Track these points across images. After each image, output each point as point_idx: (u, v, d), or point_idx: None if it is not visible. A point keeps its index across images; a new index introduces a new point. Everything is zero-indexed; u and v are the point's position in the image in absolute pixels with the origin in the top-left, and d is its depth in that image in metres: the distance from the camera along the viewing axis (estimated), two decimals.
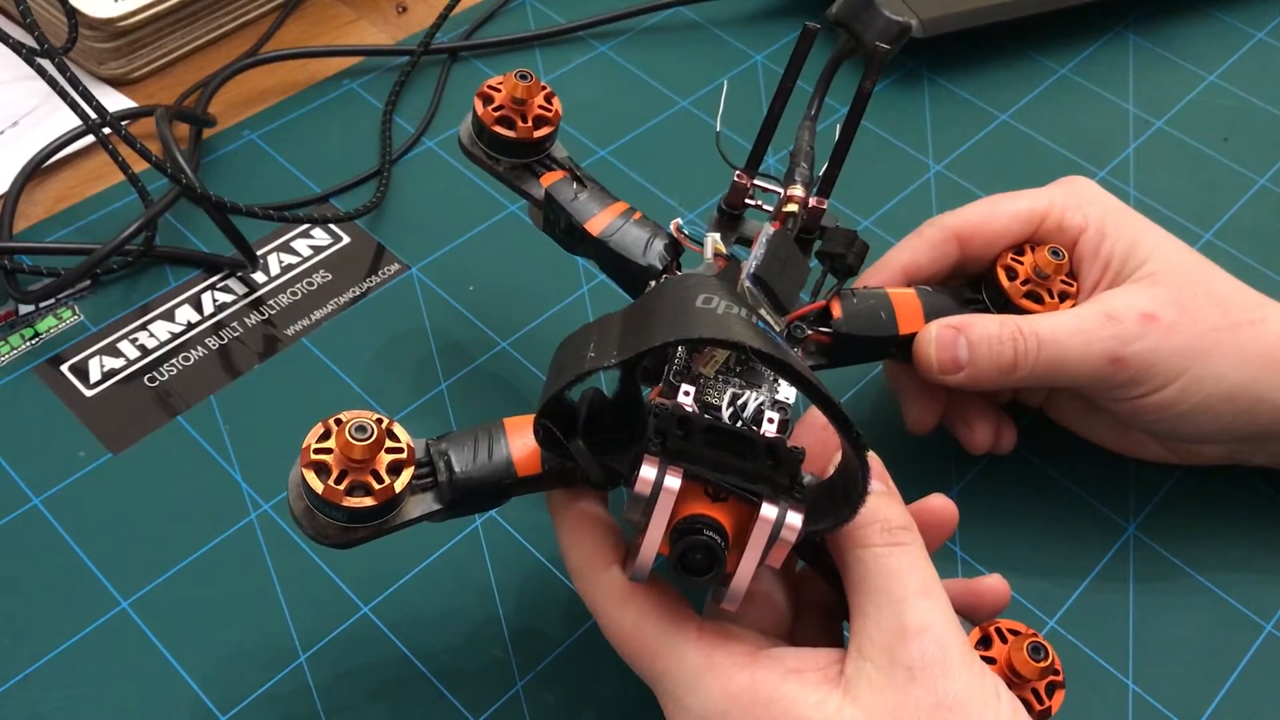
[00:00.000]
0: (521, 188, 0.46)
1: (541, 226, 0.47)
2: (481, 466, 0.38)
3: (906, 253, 0.48)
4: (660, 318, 0.33)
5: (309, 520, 0.36)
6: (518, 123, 0.46)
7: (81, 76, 0.51)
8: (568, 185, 0.45)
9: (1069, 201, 0.47)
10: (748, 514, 0.33)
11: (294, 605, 0.44)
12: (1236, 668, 0.45)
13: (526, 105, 0.46)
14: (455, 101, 0.64)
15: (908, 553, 0.36)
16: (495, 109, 0.46)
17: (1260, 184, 0.63)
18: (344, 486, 0.35)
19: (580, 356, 0.33)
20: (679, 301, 0.33)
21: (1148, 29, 0.71)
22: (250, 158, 0.60)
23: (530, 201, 0.47)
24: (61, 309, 0.53)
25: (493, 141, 0.46)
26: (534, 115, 0.46)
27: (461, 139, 0.47)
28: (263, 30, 0.66)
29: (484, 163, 0.47)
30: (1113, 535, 0.49)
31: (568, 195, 0.45)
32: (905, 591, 0.35)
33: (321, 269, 0.55)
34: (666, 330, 0.32)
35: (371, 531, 0.36)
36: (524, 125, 0.45)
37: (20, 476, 0.47)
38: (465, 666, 0.44)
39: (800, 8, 0.70)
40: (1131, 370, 0.44)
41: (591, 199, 0.45)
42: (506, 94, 0.46)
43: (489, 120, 0.46)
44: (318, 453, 0.36)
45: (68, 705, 0.42)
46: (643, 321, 0.33)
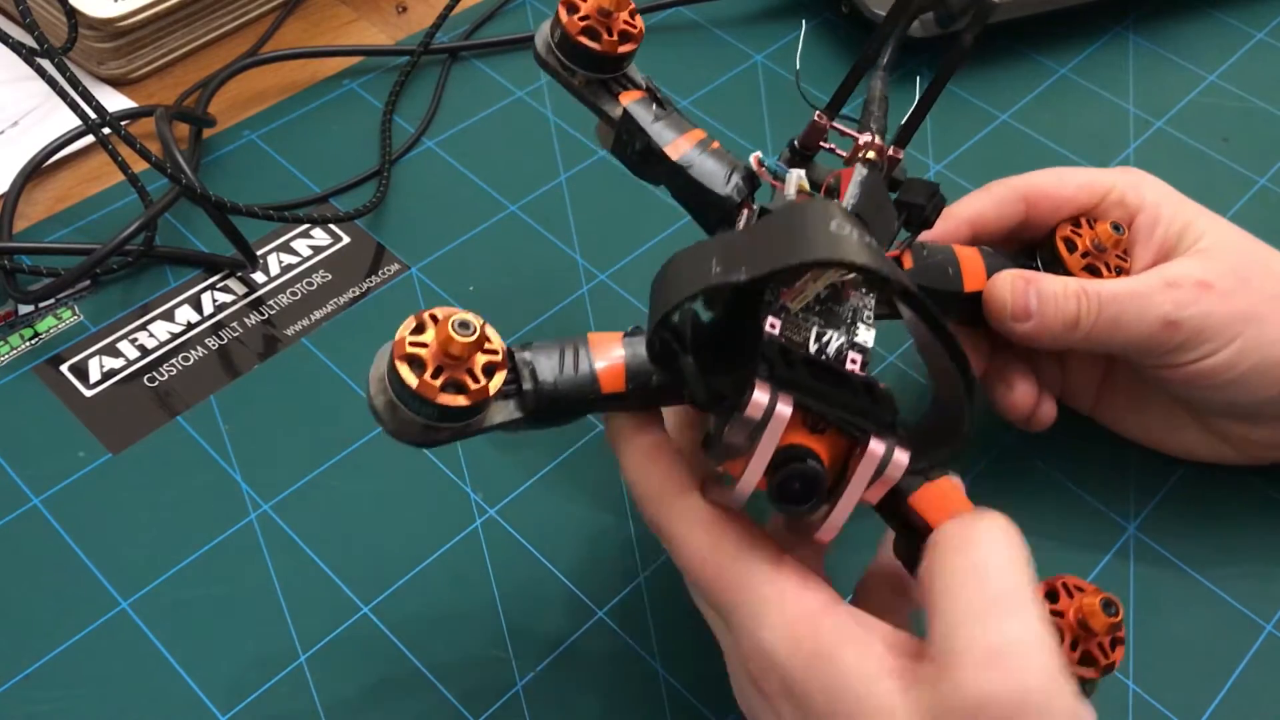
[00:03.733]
0: (596, 104, 0.44)
1: (610, 147, 0.45)
2: (568, 379, 0.36)
3: (974, 206, 0.48)
4: (795, 238, 0.32)
5: (391, 415, 0.35)
6: (603, 35, 0.43)
7: (81, 76, 0.51)
8: (647, 106, 0.44)
9: (1128, 181, 0.48)
10: (845, 449, 0.33)
11: (294, 605, 0.44)
12: (1237, 668, 0.45)
13: (612, 18, 0.43)
14: (455, 101, 0.64)
15: (996, 537, 0.34)
16: (581, 18, 0.43)
17: (1260, 184, 0.63)
18: (440, 382, 0.34)
19: (702, 271, 0.32)
20: (813, 224, 0.32)
21: (1148, 29, 0.71)
22: (250, 158, 0.60)
23: (603, 119, 0.45)
24: (61, 309, 0.53)
25: (573, 53, 0.43)
26: (619, 29, 0.43)
27: (537, 47, 0.44)
28: (263, 30, 0.66)
29: (559, 74, 0.44)
30: (1113, 535, 0.49)
31: (647, 117, 0.43)
32: (989, 598, 0.32)
33: (321, 269, 0.55)
34: (806, 251, 0.31)
35: (455, 432, 0.35)
36: (609, 38, 0.43)
37: (20, 476, 0.47)
38: (465, 666, 0.43)
39: (800, 7, 0.70)
40: (1185, 334, 0.44)
41: (670, 124, 0.43)
42: (593, 4, 0.43)
43: (574, 29, 0.43)
44: (413, 345, 0.34)
45: (67, 705, 0.42)
46: (773, 241, 0.32)
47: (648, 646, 0.44)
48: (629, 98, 0.44)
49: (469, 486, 0.48)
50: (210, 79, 0.62)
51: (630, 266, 0.56)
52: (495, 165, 0.60)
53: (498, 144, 0.62)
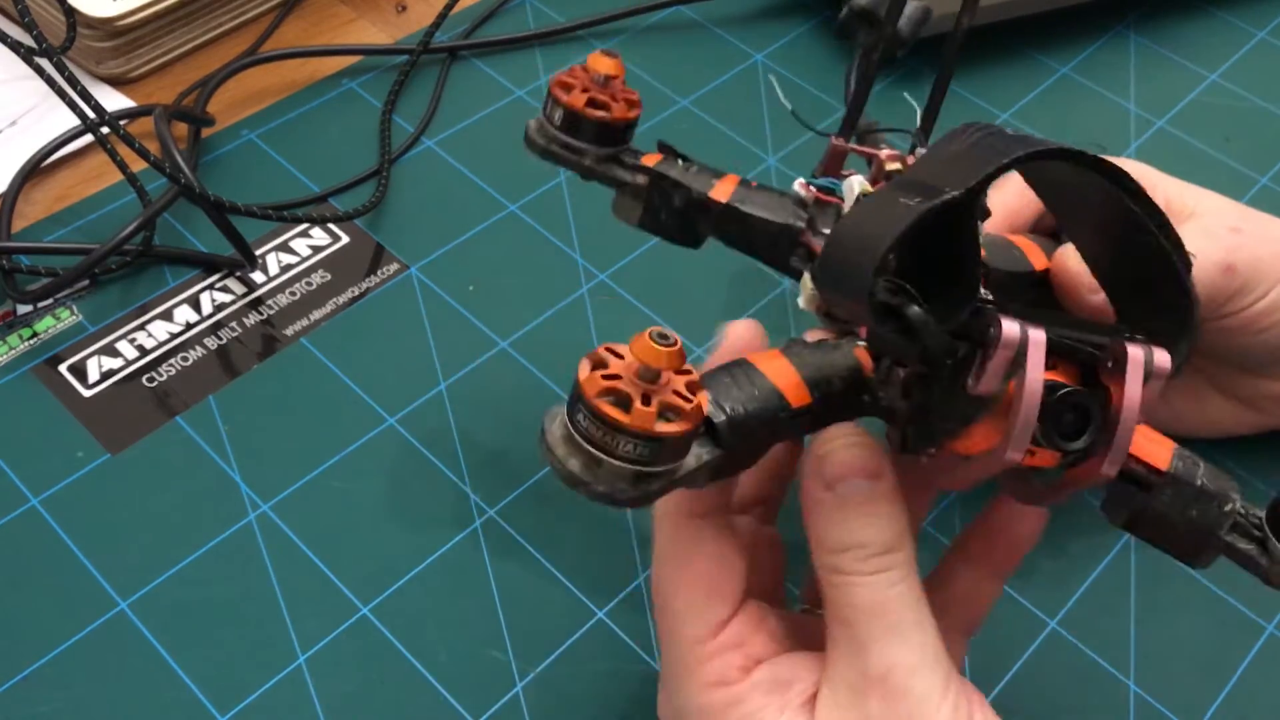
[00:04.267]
0: (614, 177, 0.42)
1: (638, 219, 0.43)
2: (751, 400, 0.33)
3: (1002, 200, 0.47)
4: (986, 149, 0.31)
5: (595, 472, 0.30)
6: (610, 104, 0.42)
7: (80, 76, 0.51)
8: (671, 164, 0.42)
9: (1127, 163, 0.48)
10: (1080, 374, 0.32)
11: (293, 605, 0.44)
12: (1238, 668, 0.45)
13: (612, 85, 0.42)
14: (455, 101, 0.63)
15: (879, 583, 0.33)
16: (582, 92, 0.41)
17: (1262, 183, 0.63)
18: (653, 409, 0.29)
19: (898, 211, 0.29)
20: (989, 135, 0.32)
21: (1149, 28, 0.71)
22: (249, 157, 0.60)
23: (624, 191, 0.43)
24: (60, 309, 0.53)
25: (581, 130, 0.42)
26: (623, 96, 0.42)
27: (534, 139, 0.43)
28: (262, 30, 0.66)
29: (566, 159, 0.42)
30: (1114, 535, 0.49)
31: (677, 172, 0.42)
32: (870, 631, 0.33)
33: (321, 269, 0.55)
34: (1018, 147, 0.31)
35: (665, 481, 0.30)
36: (617, 105, 0.41)
37: (18, 477, 0.47)
38: (465, 666, 0.43)
39: (800, 7, 0.70)
40: (1242, 275, 0.44)
41: (703, 172, 0.42)
42: (585, 77, 0.42)
43: (581, 104, 0.41)
44: (606, 379, 0.29)
45: (67, 706, 0.42)
46: (958, 161, 0.31)
47: (648, 646, 0.44)
48: (651, 160, 0.42)
49: (469, 486, 0.48)
50: (209, 78, 0.62)
51: (630, 266, 0.56)
52: (495, 165, 0.60)
53: (498, 143, 0.62)
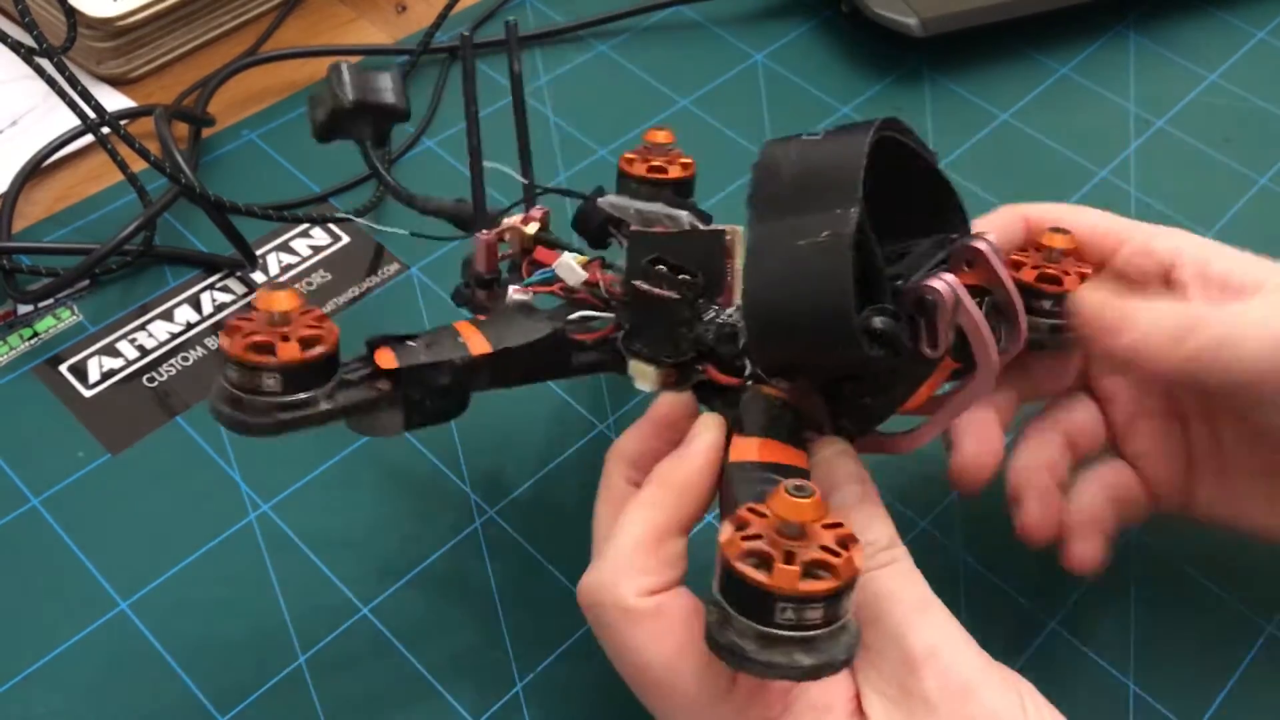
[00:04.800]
0: (359, 402, 0.36)
1: (402, 425, 0.38)
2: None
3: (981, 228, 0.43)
4: (833, 154, 0.35)
5: (754, 643, 0.29)
6: (280, 344, 0.34)
7: (80, 76, 0.51)
8: (405, 349, 0.38)
9: (1151, 230, 0.43)
10: None
11: (294, 605, 0.44)
12: (1237, 668, 0.45)
13: (293, 320, 0.35)
14: (455, 101, 0.63)
15: (897, 570, 0.34)
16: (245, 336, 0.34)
17: (1261, 183, 0.63)
18: (798, 567, 0.29)
19: (828, 239, 0.34)
20: (819, 141, 0.36)
21: (1149, 28, 0.71)
22: (249, 157, 0.60)
23: (372, 409, 0.37)
24: (60, 309, 0.53)
25: (300, 379, 0.34)
26: (300, 336, 0.34)
27: (238, 417, 0.34)
28: (262, 30, 0.66)
29: (300, 420, 0.35)
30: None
31: (424, 354, 0.38)
32: (903, 614, 0.34)
33: (321, 269, 0.55)
34: (854, 141, 0.35)
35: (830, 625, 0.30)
36: (288, 346, 0.34)
37: (19, 477, 0.47)
38: (465, 666, 0.43)
39: (800, 7, 0.70)
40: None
41: (438, 337, 0.39)
42: (263, 319, 0.34)
43: (292, 355, 0.34)
44: (746, 539, 0.30)
45: (66, 706, 0.42)
46: (816, 174, 0.35)
47: None
48: (384, 361, 0.37)
49: (469, 486, 0.48)
50: (209, 78, 0.62)
51: None
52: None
53: (497, 144, 0.62)
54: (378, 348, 0.37)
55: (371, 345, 0.37)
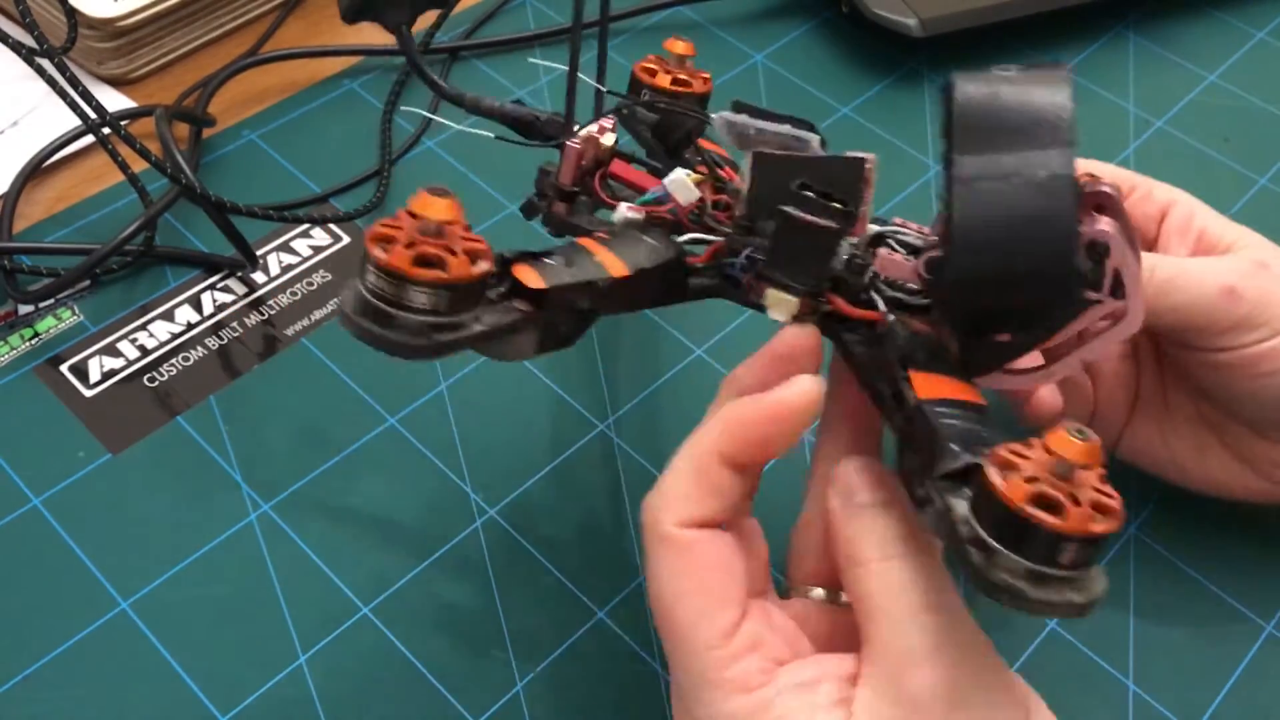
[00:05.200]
0: (503, 326, 0.35)
1: (535, 348, 0.37)
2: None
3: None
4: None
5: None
6: (446, 257, 0.33)
7: (81, 76, 0.51)
8: (544, 266, 0.36)
9: (1154, 181, 0.48)
10: None
11: (294, 605, 0.44)
12: (1237, 668, 0.45)
13: (449, 232, 0.34)
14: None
15: (906, 565, 0.34)
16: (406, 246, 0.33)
17: (1261, 184, 0.63)
18: (1087, 509, 0.29)
19: (1045, 163, 0.33)
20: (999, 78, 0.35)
21: (1148, 29, 0.71)
22: (250, 158, 0.60)
23: (510, 333, 0.35)
24: (61, 309, 0.53)
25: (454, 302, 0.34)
26: (464, 243, 0.33)
27: (382, 332, 0.34)
28: (263, 30, 0.66)
29: (448, 343, 0.34)
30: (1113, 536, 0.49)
31: (566, 273, 0.37)
32: (904, 611, 0.33)
33: (321, 269, 0.55)
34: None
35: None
36: (457, 259, 0.33)
37: (20, 477, 0.47)
38: (465, 666, 0.44)
39: (800, 7, 0.70)
40: (1246, 305, 0.42)
41: (575, 256, 0.37)
42: (414, 226, 0.34)
43: (463, 273, 0.33)
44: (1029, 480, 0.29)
45: (67, 705, 0.42)
46: (1015, 109, 0.34)
47: (648, 646, 0.44)
48: (525, 276, 0.35)
49: (469, 486, 0.48)
50: (210, 79, 0.62)
51: None
52: (495, 165, 0.60)
53: (498, 144, 0.62)
54: (514, 264, 0.35)
55: (506, 261, 0.35)
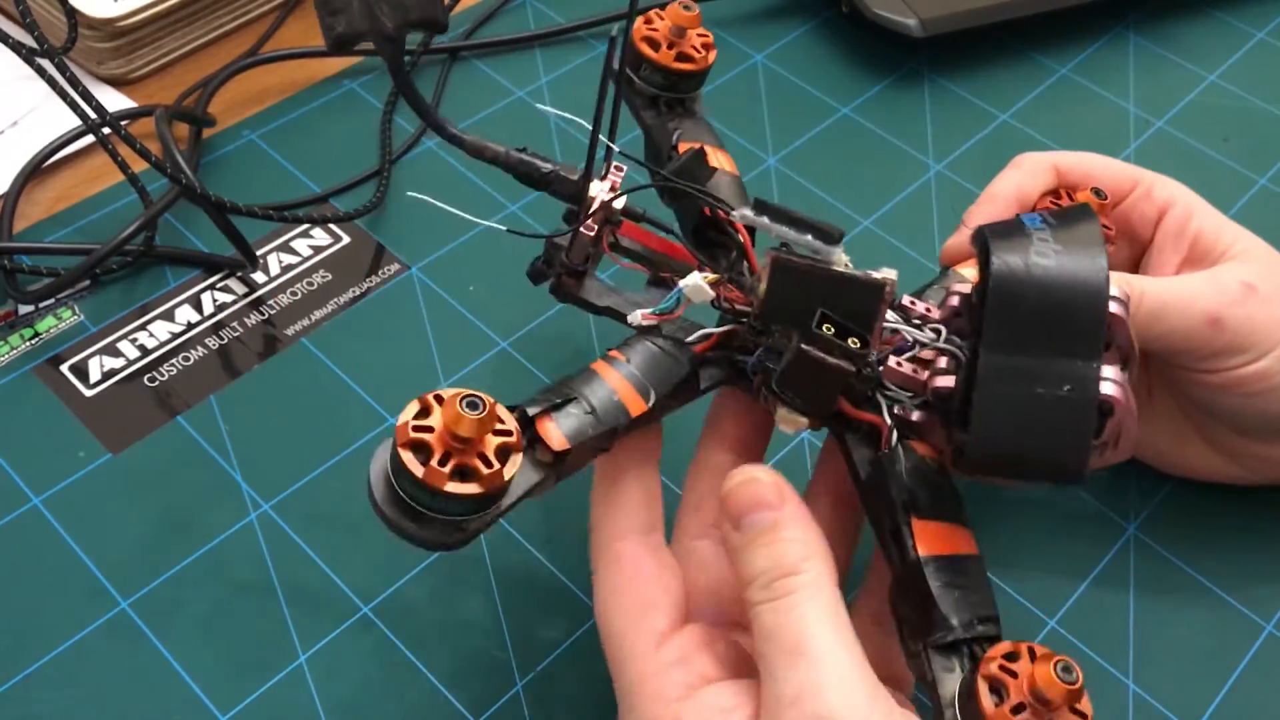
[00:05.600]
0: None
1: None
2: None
3: (1014, 181, 0.47)
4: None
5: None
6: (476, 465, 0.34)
7: (81, 76, 0.51)
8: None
9: (1157, 177, 0.48)
10: None
11: (294, 605, 0.44)
12: (1237, 668, 0.45)
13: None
14: (456, 101, 0.63)
15: (784, 606, 0.34)
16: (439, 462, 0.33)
17: (1261, 184, 0.63)
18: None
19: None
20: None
21: (1148, 29, 0.71)
22: (250, 158, 0.60)
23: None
24: (61, 309, 0.53)
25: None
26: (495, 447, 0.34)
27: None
28: (263, 30, 0.66)
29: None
30: (1113, 535, 0.49)
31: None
32: (776, 657, 0.33)
33: (321, 269, 0.55)
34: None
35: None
36: (492, 473, 0.34)
37: (20, 476, 0.47)
38: (465, 666, 0.43)
39: (800, 7, 0.70)
40: (1229, 334, 0.43)
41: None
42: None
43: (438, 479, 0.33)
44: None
45: (67, 705, 0.42)
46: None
47: None
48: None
49: None
50: (210, 79, 0.62)
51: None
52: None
53: (498, 143, 0.62)
54: (537, 420, 0.35)
55: (527, 416, 0.35)
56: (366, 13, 0.34)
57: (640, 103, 0.47)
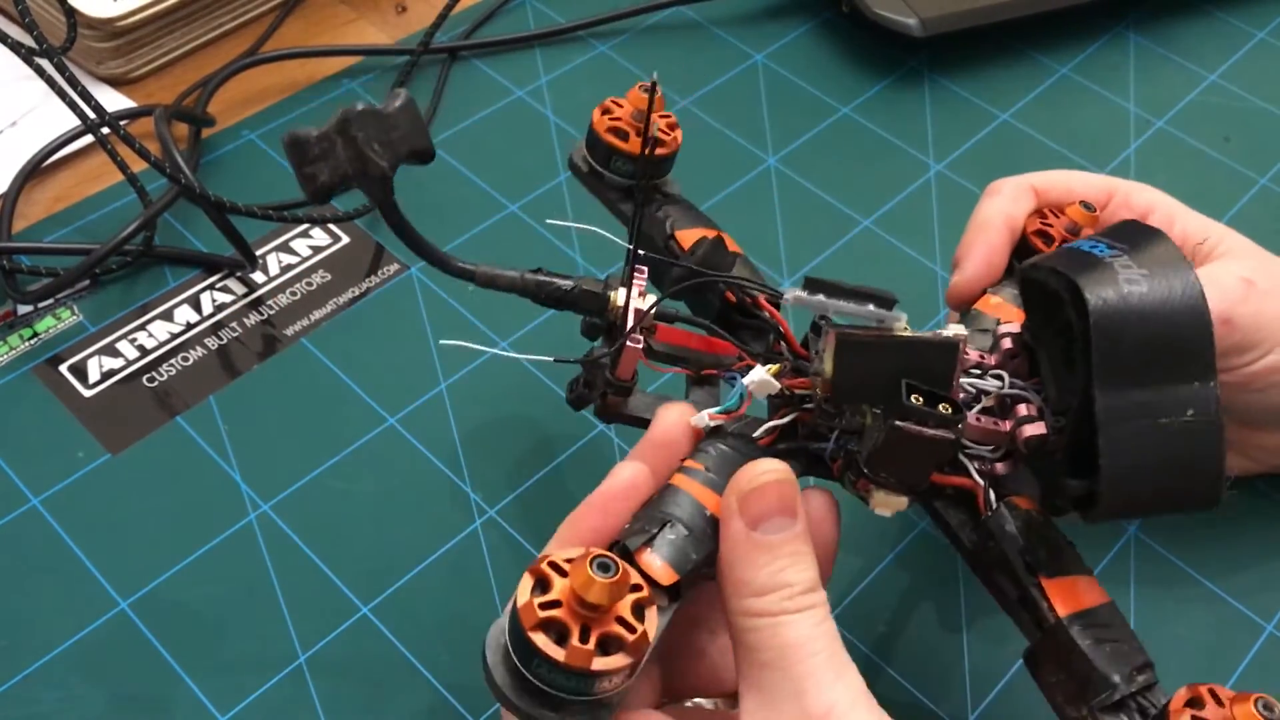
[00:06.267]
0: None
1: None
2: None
3: (1000, 208, 0.46)
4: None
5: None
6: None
7: (80, 76, 0.51)
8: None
9: (1133, 185, 0.48)
10: None
11: (293, 605, 0.44)
12: (1237, 668, 0.45)
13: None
14: (455, 101, 0.63)
15: (809, 619, 0.33)
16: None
17: (1261, 184, 0.63)
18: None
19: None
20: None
21: (1148, 28, 0.71)
22: (249, 157, 0.60)
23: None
24: (60, 309, 0.53)
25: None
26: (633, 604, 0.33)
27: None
28: (262, 30, 0.66)
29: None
30: (1114, 536, 0.49)
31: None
32: (806, 668, 0.32)
33: (321, 269, 0.55)
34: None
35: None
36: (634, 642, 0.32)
37: (19, 477, 0.47)
38: (465, 666, 0.43)
39: (800, 7, 0.70)
40: (1239, 332, 0.43)
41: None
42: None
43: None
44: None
45: (67, 705, 0.42)
46: None
47: None
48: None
49: (469, 486, 0.48)
50: (210, 79, 0.62)
51: None
52: (495, 165, 0.60)
53: (498, 144, 0.62)
54: (636, 554, 0.33)
55: (628, 552, 0.33)
56: (356, 156, 0.32)
57: (615, 196, 0.45)
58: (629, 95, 0.44)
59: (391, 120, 0.33)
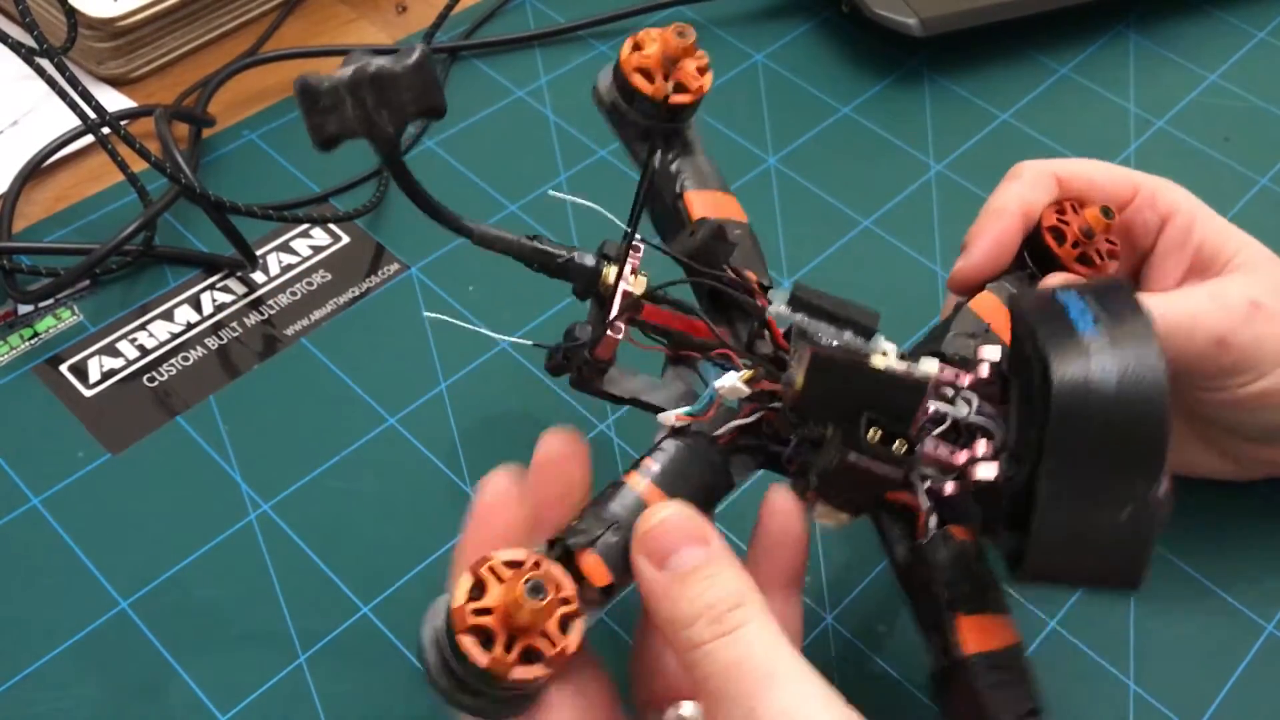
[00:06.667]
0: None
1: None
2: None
3: (1017, 194, 0.45)
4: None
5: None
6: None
7: (81, 76, 0.51)
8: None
9: (1160, 182, 0.47)
10: None
11: (294, 605, 0.44)
12: (1237, 668, 0.45)
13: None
14: (455, 101, 0.63)
15: (743, 636, 0.32)
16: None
17: (1262, 184, 0.63)
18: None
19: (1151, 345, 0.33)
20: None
21: (1149, 28, 0.71)
22: (250, 157, 0.60)
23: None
24: (60, 309, 0.53)
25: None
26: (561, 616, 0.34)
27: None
28: (262, 30, 0.66)
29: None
30: None
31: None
32: (749, 684, 0.31)
33: (321, 269, 0.55)
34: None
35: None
36: (557, 652, 0.33)
37: (19, 477, 0.47)
38: None
39: (800, 7, 0.70)
40: (1235, 355, 0.42)
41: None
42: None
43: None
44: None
45: (67, 705, 0.42)
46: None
47: None
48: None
49: (469, 486, 0.48)
50: (210, 79, 0.62)
51: None
52: (495, 165, 0.60)
53: (498, 144, 0.62)
54: (577, 554, 0.34)
55: (569, 552, 0.34)
56: (363, 119, 0.32)
57: (633, 133, 0.45)
58: (663, 37, 0.43)
59: (404, 81, 0.32)
